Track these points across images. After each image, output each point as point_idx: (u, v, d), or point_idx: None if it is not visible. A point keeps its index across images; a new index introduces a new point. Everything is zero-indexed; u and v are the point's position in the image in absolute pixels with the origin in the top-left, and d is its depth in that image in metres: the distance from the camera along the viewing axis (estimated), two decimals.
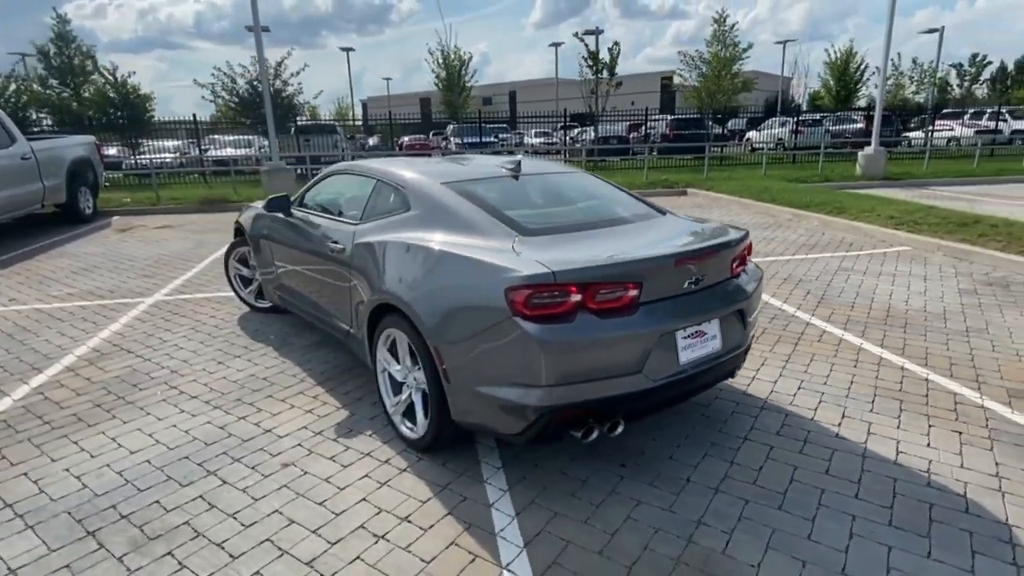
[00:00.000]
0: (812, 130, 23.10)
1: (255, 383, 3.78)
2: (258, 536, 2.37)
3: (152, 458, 2.94)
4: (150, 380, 3.84)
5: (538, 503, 2.54)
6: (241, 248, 5.04)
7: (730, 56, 24.10)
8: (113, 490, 2.68)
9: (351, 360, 4.09)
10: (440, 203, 3.00)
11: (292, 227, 4.07)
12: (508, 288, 2.32)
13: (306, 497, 2.61)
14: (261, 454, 2.97)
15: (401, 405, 3.02)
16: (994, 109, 25.59)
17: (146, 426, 3.26)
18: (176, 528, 2.42)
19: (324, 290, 3.70)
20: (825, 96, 40.19)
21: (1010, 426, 3.09)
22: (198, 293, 5.85)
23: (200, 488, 2.69)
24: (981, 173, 14.70)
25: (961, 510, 2.45)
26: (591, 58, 20.42)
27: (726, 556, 2.21)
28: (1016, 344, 4.16)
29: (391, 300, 2.81)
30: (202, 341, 4.53)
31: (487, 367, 2.42)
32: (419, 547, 2.29)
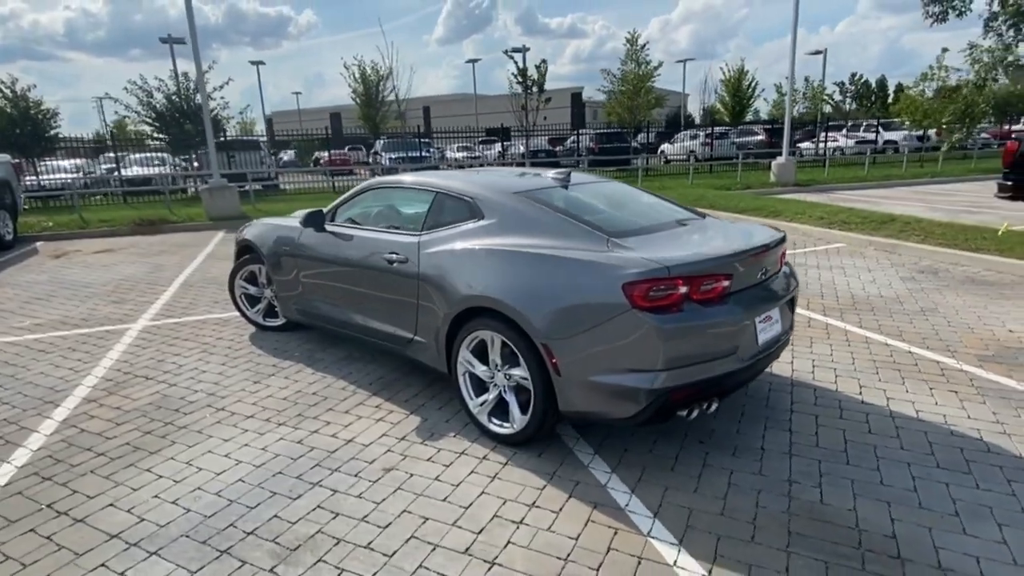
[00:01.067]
0: (720, 142, 25.10)
1: (307, 399, 3.75)
2: (401, 535, 2.44)
3: (243, 477, 2.89)
4: (189, 404, 3.71)
5: (646, 480, 2.78)
6: (250, 266, 4.92)
7: (644, 74, 25.65)
8: (221, 510, 2.64)
9: (393, 369, 4.14)
10: (519, 211, 3.19)
11: (329, 242, 4.08)
12: (626, 283, 2.57)
13: (427, 496, 2.70)
14: (356, 463, 3.01)
15: (488, 405, 3.16)
16: (870, 122, 28.97)
17: (216, 448, 3.18)
18: (312, 537, 2.45)
19: (375, 301, 3.76)
20: (722, 111, 43.46)
21: (990, 384, 3.71)
22: (187, 317, 5.59)
23: (313, 499, 2.70)
24: (871, 178, 16.65)
25: (984, 451, 2.96)
26: (521, 75, 21.05)
27: (825, 505, 2.56)
28: (964, 319, 4.92)
29: (486, 303, 2.97)
30: (223, 363, 4.38)
31: (601, 358, 2.65)
32: (560, 527, 2.47)
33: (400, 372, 4.11)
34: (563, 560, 2.28)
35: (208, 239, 10.16)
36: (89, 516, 2.62)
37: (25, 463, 3.07)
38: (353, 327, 4.03)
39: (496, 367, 3.09)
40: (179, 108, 16.28)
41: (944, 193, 14.08)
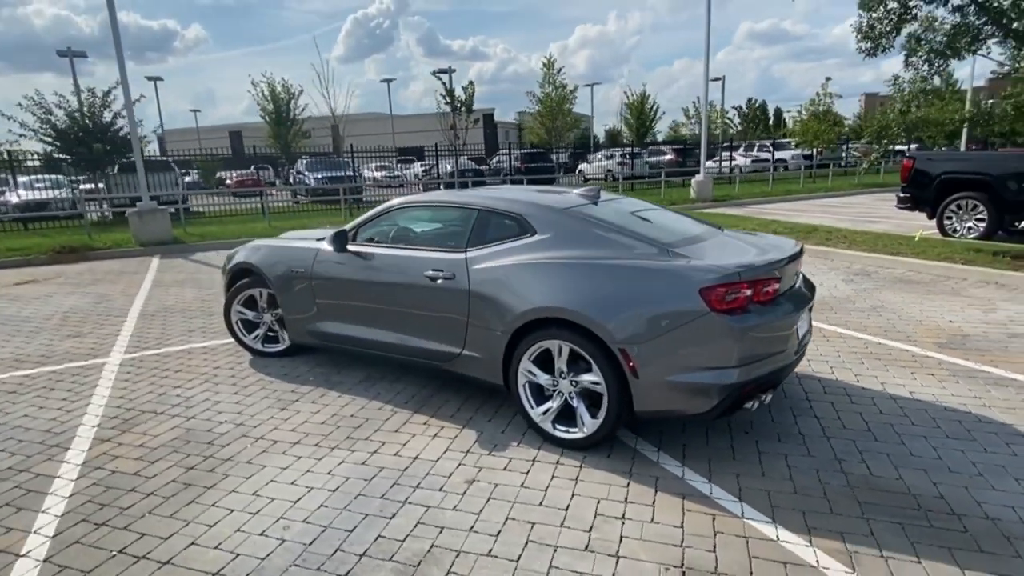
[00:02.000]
0: (635, 161, 26.56)
1: (347, 421, 3.68)
2: (516, 541, 2.50)
3: (324, 502, 2.82)
4: (221, 436, 3.52)
5: (717, 470, 3.01)
6: (248, 291, 4.72)
7: (561, 97, 26.79)
8: (319, 536, 2.57)
9: (422, 387, 4.13)
10: (573, 226, 3.37)
11: (356, 262, 4.04)
12: (703, 288, 2.82)
13: (521, 503, 2.77)
14: (434, 478, 3.01)
15: (552, 412, 3.28)
16: (763, 142, 31.82)
17: (278, 477, 3.06)
18: (429, 552, 2.45)
19: (414, 319, 3.77)
20: (627, 132, 45.89)
21: (956, 366, 4.31)
22: (167, 347, 5.23)
23: (410, 516, 2.69)
24: (775, 193, 18.34)
25: (976, 421, 3.46)
26: (449, 95, 21.26)
27: (876, 477, 2.91)
28: (909, 314, 5.64)
29: (557, 314, 3.10)
30: (235, 392, 4.17)
31: (679, 358, 2.87)
32: (661, 518, 2.63)
33: (430, 389, 4.11)
34: (679, 546, 2.45)
35: (143, 266, 9.43)
36: (175, 557, 2.46)
37: (66, 511, 2.81)
38: (383, 346, 4.00)
39: (561, 375, 3.23)
40: (82, 126, 14.95)
41: (841, 205, 15.81)
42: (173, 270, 9.01)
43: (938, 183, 9.56)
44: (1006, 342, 4.76)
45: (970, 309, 5.72)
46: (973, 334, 4.98)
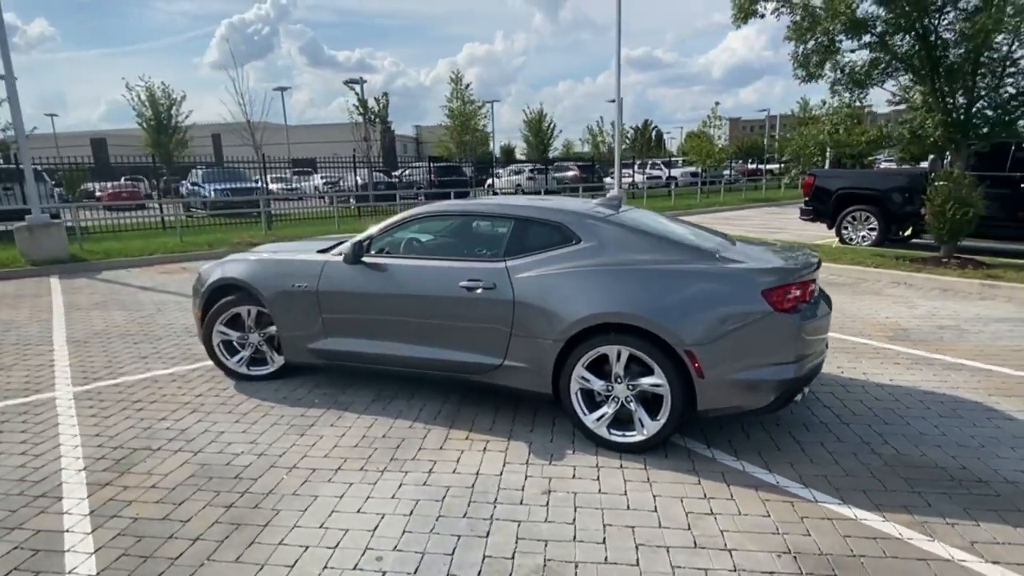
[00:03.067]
0: (543, 176, 27.36)
1: (384, 442, 3.47)
2: (625, 546, 2.50)
3: (406, 528, 2.64)
4: (247, 469, 3.18)
5: (770, 460, 3.19)
6: (234, 309, 4.30)
7: (470, 112, 26.99)
8: (422, 564, 2.41)
9: (444, 402, 3.99)
10: (617, 234, 3.44)
11: (374, 274, 3.84)
12: (765, 290, 3.00)
13: (610, 508, 2.77)
14: (508, 492, 2.93)
15: (607, 418, 3.31)
16: (655, 160, 34.13)
17: (339, 506, 2.82)
18: (546, 567, 2.38)
19: (446, 331, 3.65)
20: (527, 148, 47.12)
21: (913, 355, 4.89)
22: (125, 376, 4.61)
23: (507, 533, 2.60)
24: (678, 207, 19.69)
25: (955, 400, 3.95)
26: (361, 105, 20.63)
27: (904, 455, 3.23)
28: (851, 312, 6.31)
29: (618, 319, 3.15)
30: (236, 421, 3.78)
31: (743, 356, 3.03)
32: (747, 509, 2.75)
33: (453, 403, 3.98)
34: (777, 534, 2.57)
35: (42, 287, 8.21)
36: None
37: (101, 569, 2.40)
38: (406, 361, 3.82)
39: (617, 380, 3.27)
40: None
41: (738, 218, 17.30)
42: (83, 291, 7.94)
43: (836, 197, 10.80)
44: (939, 333, 5.48)
45: (896, 306, 6.51)
46: (910, 328, 5.68)
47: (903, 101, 8.03)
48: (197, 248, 10.86)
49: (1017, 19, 6.61)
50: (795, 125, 45.09)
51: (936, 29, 7.22)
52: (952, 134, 7.35)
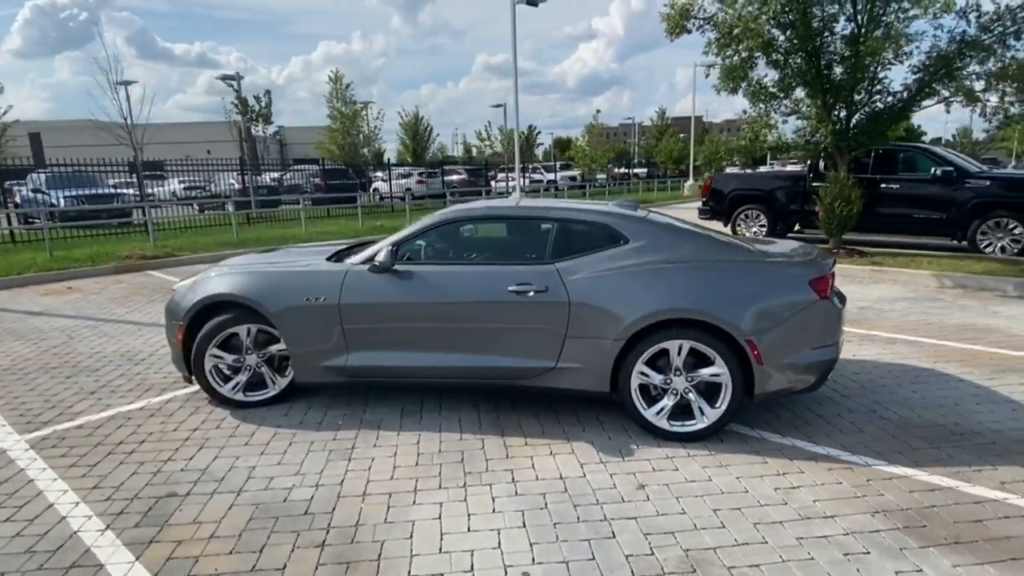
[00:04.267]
0: (432, 180, 27.08)
1: (444, 457, 3.31)
2: (745, 526, 2.65)
3: (533, 541, 2.57)
4: (315, 503, 2.88)
5: (814, 436, 3.50)
6: (231, 329, 3.83)
7: (352, 112, 25.94)
8: (573, 573, 2.36)
9: (482, 411, 3.88)
10: (659, 233, 3.60)
11: (406, 283, 3.64)
12: (812, 280, 3.31)
13: (707, 495, 2.90)
14: (605, 492, 2.95)
15: (667, 411, 3.44)
16: (535, 165, 35.30)
17: (446, 528, 2.67)
18: (687, 557, 2.45)
19: (493, 337, 3.57)
20: (403, 151, 46.43)
21: (855, 334, 5.60)
22: (84, 416, 3.90)
23: (631, 531, 2.63)
24: None
25: (916, 368, 4.61)
26: (241, 104, 18.94)
27: (906, 418, 3.73)
28: None
29: (681, 314, 3.29)
30: (262, 453, 3.39)
31: (795, 341, 3.32)
32: (822, 479, 3.02)
33: (488, 411, 3.89)
34: (859, 497, 2.86)
35: None
36: None
37: None
38: (446, 372, 3.68)
39: (677, 372, 3.42)
40: None
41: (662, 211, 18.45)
42: None
43: (729, 198, 11.99)
44: (861, 313, 6.34)
45: None
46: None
47: (794, 112, 9.13)
48: (77, 264, 9.34)
49: (886, 45, 7.86)
50: (655, 134, 49.53)
51: (820, 52, 8.35)
52: (838, 142, 8.54)
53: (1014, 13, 7.57)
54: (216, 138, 48.56)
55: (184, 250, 10.46)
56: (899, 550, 2.48)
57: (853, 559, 2.43)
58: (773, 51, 7.95)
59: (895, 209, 9.98)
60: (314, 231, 13.61)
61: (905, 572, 2.35)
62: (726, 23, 7.78)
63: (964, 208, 9.41)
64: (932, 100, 8.29)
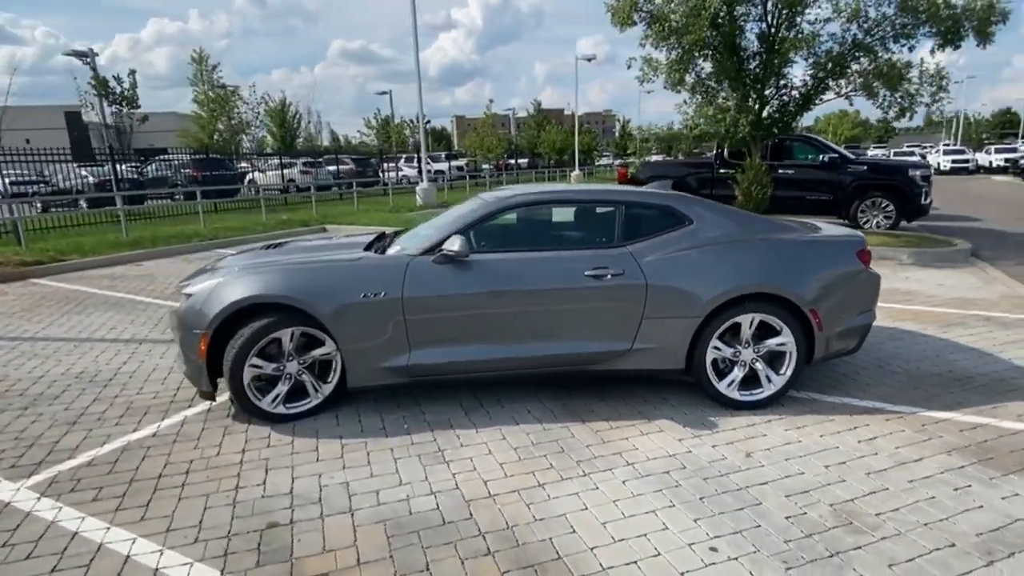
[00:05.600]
0: (318, 171, 25.49)
1: (542, 448, 3.23)
2: (894, 480, 2.88)
3: (694, 517, 2.60)
4: (447, 510, 2.67)
5: (868, 395, 3.87)
6: (275, 334, 3.39)
7: (222, 96, 23.51)
8: (752, 541, 2.42)
9: (535, 396, 3.81)
10: (717, 213, 3.75)
11: (478, 272, 3.46)
12: (859, 252, 3.65)
13: (810, 454, 3.12)
14: (722, 464, 3.05)
15: (737, 381, 3.62)
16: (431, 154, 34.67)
17: (602, 518, 2.61)
18: (851, 507, 2.63)
19: (569, 324, 3.52)
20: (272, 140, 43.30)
21: None
22: (86, 452, 3.24)
23: (773, 494, 2.76)
24: None
25: (886, 328, 5.26)
26: (101, 86, 16.29)
27: (910, 370, 4.26)
28: None
29: (759, 289, 3.47)
30: (344, 468, 3.06)
31: (847, 308, 3.65)
32: (909, 428, 3.36)
33: (551, 398, 3.82)
34: (928, 440, 3.23)
35: None
36: None
37: None
38: (519, 362, 3.57)
39: (746, 344, 3.61)
40: None
41: None
42: None
43: (644, 186, 12.69)
44: None
45: None
46: None
47: (709, 102, 9.88)
48: None
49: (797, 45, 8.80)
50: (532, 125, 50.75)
51: (738, 48, 9.14)
52: (754, 131, 9.40)
53: (892, 20, 8.81)
54: (35, 125, 41.74)
55: (70, 254, 8.92)
56: (989, 480, 2.87)
57: (963, 492, 2.76)
58: (706, 46, 8.54)
59: (791, 192, 11.21)
60: (217, 227, 12.27)
61: (1008, 497, 2.72)
62: (670, 17, 8.21)
63: (847, 190, 10.83)
64: (831, 94, 9.42)
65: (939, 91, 8.61)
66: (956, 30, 8.34)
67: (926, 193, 10.67)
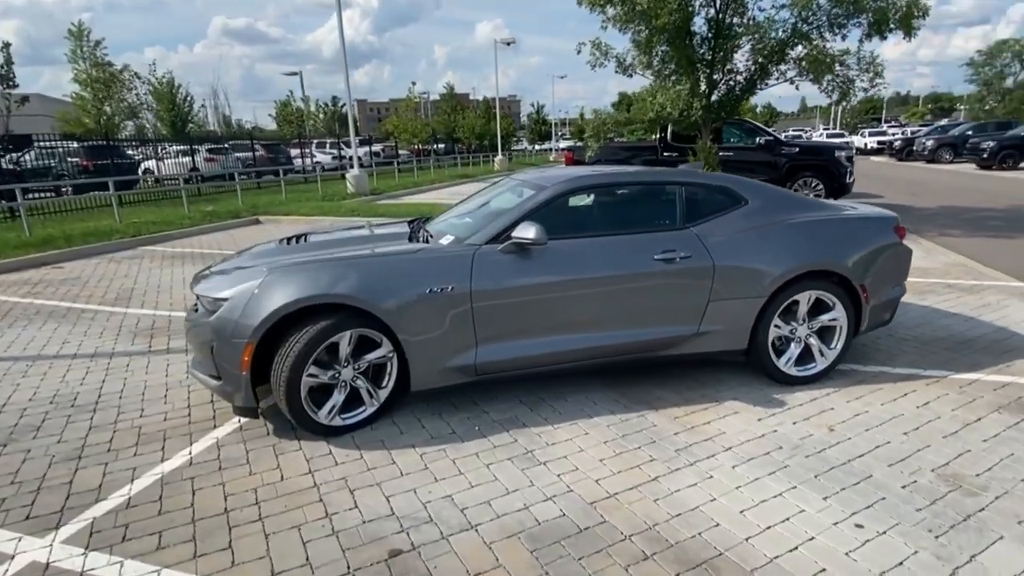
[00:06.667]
0: (223, 158, 23.46)
1: (636, 439, 3.12)
2: (942, 431, 3.03)
3: (824, 498, 2.61)
4: (567, 515, 2.50)
5: (886, 360, 4.09)
6: (334, 338, 3.01)
7: (107, 76, 20.94)
8: (891, 514, 2.46)
9: (589, 385, 3.71)
10: (769, 192, 3.78)
11: (551, 259, 3.27)
12: (896, 227, 3.82)
13: (881, 423, 3.24)
14: (811, 440, 3.09)
15: (793, 357, 3.70)
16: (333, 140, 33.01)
17: (726, 499, 2.55)
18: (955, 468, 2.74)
19: (639, 309, 3.43)
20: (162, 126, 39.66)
21: None
22: (118, 493, 2.72)
23: (874, 462, 2.83)
24: (406, 185, 19.85)
25: None
26: None
27: (915, 336, 4.56)
28: None
29: (820, 267, 3.54)
30: (436, 479, 2.80)
31: (886, 281, 3.81)
32: (950, 391, 3.56)
33: (608, 388, 3.73)
34: (973, 401, 3.45)
35: None
36: None
37: None
38: (589, 353, 3.43)
39: (803, 321, 3.68)
40: None
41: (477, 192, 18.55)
42: None
43: None
44: None
45: None
46: None
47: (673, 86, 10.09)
48: None
49: (747, 32, 9.17)
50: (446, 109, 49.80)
51: (691, 34, 9.39)
52: (706, 115, 9.72)
53: (827, 11, 9.38)
54: None
55: None
56: None
57: None
58: (665, 30, 8.69)
59: (731, 173, 11.77)
60: (136, 222, 10.95)
61: None
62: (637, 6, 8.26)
63: (781, 170, 11.51)
64: (775, 79, 9.92)
65: (876, 77, 9.32)
66: (883, 22, 9.02)
67: (849, 172, 11.57)
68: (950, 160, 25.95)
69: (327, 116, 47.18)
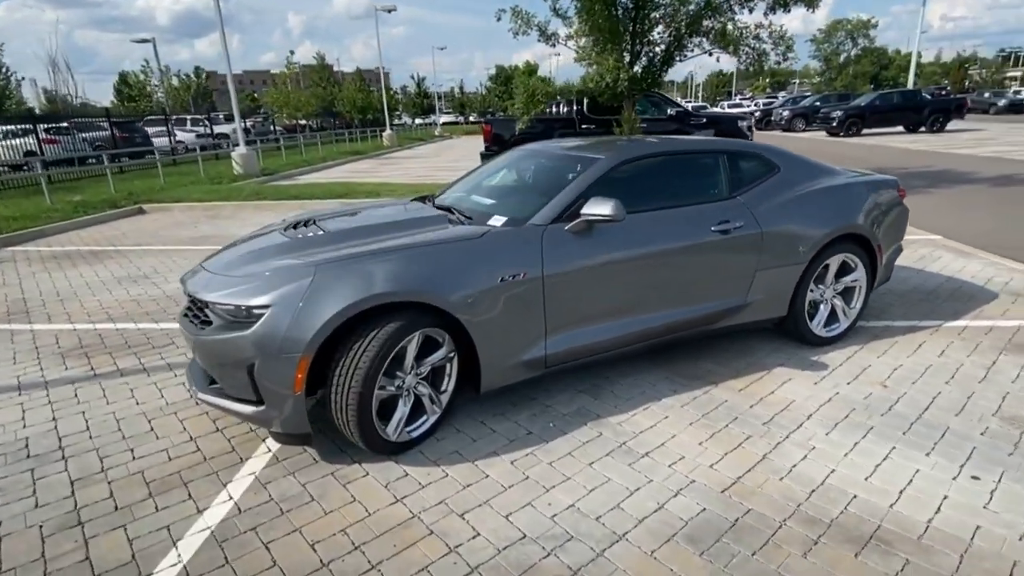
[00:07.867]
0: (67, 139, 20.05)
1: (715, 417, 3.02)
2: (976, 377, 3.26)
3: (901, 449, 2.67)
4: (704, 513, 2.36)
5: (894, 313, 4.34)
6: (402, 342, 2.56)
7: None
8: (973, 460, 2.58)
9: (644, 369, 3.59)
10: (794, 160, 3.80)
11: (619, 236, 3.04)
12: (899, 188, 4.01)
13: (922, 376, 3.43)
14: (873, 399, 3.18)
15: (823, 318, 3.82)
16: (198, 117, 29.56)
17: (844, 470, 2.54)
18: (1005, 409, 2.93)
19: (696, 283, 3.33)
20: None
21: None
22: (190, 547, 2.11)
23: (940, 413, 2.96)
24: (298, 164, 18.28)
25: None
26: None
27: (906, 296, 4.93)
28: None
29: (847, 230, 3.63)
30: (547, 488, 2.51)
31: (891, 241, 4.02)
32: (968, 338, 3.85)
33: (655, 366, 3.61)
34: (993, 348, 3.77)
35: None
36: None
37: None
38: (650, 333, 3.28)
39: (830, 284, 3.79)
40: None
41: (372, 169, 17.61)
42: None
43: (511, 141, 12.55)
44: None
45: None
46: None
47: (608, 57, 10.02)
48: None
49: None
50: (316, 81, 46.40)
51: (617, 4, 9.38)
52: (632, 86, 9.82)
53: None
54: None
55: None
56: None
57: None
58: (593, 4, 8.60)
59: None
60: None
61: None
62: None
63: None
64: (692, 51, 10.23)
65: (787, 50, 9.93)
66: None
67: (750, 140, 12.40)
68: (803, 128, 28.88)
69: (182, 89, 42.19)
